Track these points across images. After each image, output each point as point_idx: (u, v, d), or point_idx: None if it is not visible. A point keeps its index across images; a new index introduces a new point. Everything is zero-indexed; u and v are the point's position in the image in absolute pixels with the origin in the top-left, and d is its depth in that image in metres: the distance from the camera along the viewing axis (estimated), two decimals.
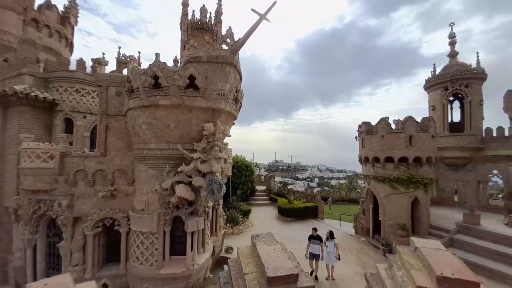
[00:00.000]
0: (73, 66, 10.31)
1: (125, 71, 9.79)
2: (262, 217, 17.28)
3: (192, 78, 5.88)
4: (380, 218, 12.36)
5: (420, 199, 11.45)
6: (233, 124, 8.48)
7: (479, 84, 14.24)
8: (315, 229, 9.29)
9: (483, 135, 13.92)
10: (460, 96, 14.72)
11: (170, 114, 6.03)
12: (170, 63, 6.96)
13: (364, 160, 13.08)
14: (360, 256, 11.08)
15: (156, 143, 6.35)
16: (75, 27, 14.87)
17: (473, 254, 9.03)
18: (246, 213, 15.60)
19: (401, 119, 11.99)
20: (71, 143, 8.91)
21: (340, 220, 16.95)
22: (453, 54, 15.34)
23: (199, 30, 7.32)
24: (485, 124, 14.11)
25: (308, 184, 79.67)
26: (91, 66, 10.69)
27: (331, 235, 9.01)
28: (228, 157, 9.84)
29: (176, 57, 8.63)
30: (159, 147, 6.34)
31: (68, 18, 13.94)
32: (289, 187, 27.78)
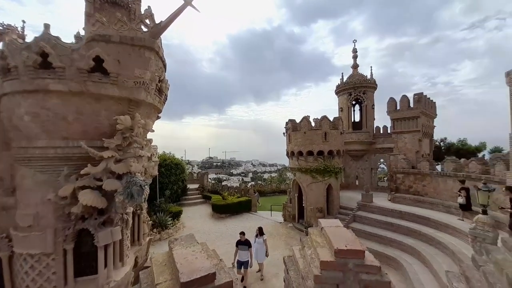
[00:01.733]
0: None
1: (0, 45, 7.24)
2: (195, 216, 16.61)
3: (99, 60, 4.87)
4: (303, 205, 13.99)
5: (333, 185, 13.63)
6: (158, 118, 7.65)
7: (372, 92, 18.13)
8: (242, 234, 8.36)
9: (374, 132, 17.84)
10: (360, 100, 18.29)
11: (67, 104, 4.82)
12: (70, 40, 5.56)
13: (290, 154, 14.46)
14: (288, 240, 12.23)
15: (47, 140, 4.97)
16: None
17: (369, 226, 11.43)
18: (176, 215, 14.56)
19: (319, 118, 13.86)
20: None
21: (271, 211, 18.24)
22: (355, 66, 18.85)
23: (111, 5, 6.08)
24: (376, 124, 18.20)
25: (242, 179, 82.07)
26: None
27: (260, 232, 8.84)
28: (153, 154, 8.84)
29: (78, 33, 6.97)
30: (52, 144, 4.99)
31: None
32: (223, 183, 27.80)
